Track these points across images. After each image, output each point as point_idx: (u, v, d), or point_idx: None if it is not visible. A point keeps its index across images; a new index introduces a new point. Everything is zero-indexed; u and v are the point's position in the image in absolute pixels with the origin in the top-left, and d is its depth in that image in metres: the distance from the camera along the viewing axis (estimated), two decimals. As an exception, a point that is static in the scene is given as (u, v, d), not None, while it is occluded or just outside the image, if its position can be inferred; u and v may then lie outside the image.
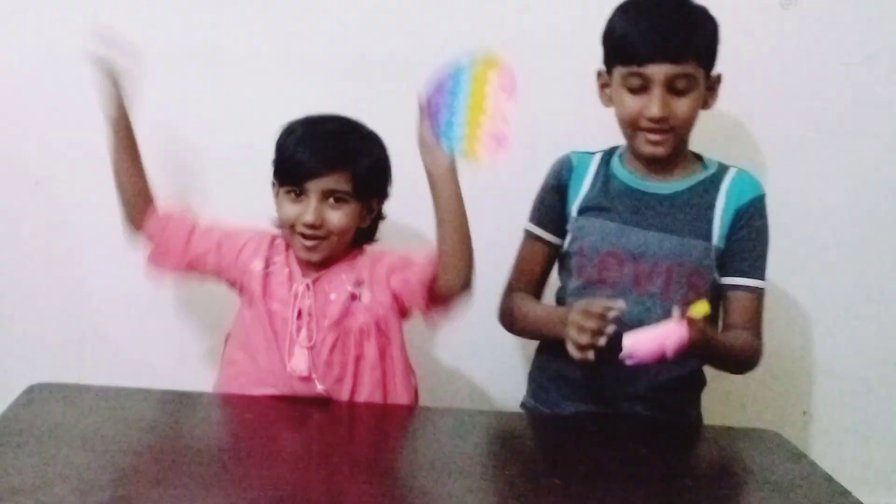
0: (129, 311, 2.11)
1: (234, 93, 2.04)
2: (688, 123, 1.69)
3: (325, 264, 1.73)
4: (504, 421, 1.78)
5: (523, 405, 1.89)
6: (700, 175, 1.76)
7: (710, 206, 1.73)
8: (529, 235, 1.84)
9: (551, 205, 1.81)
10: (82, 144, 2.05)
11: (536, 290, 1.84)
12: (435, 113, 1.54)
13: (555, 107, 1.99)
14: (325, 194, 1.66)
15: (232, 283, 1.78)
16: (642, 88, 1.65)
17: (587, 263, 1.75)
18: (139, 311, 2.10)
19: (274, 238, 1.78)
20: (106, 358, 2.08)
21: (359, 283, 1.73)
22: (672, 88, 1.64)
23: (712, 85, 1.70)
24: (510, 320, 1.81)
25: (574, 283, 1.77)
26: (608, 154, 1.82)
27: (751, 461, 1.61)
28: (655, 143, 1.68)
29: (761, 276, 1.75)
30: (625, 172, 1.77)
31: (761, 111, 2.04)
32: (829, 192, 2.13)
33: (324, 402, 1.68)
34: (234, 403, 1.69)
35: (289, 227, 1.70)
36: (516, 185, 1.85)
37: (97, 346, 2.11)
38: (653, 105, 1.64)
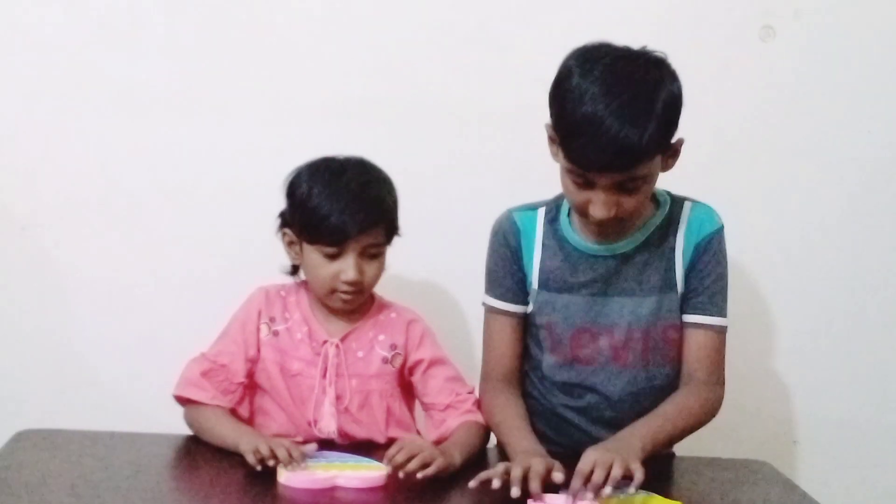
0: (117, 355, 2.10)
1: (223, 137, 2.06)
2: (636, 212, 1.58)
3: (349, 316, 1.71)
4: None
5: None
6: (656, 219, 1.65)
7: (671, 248, 1.65)
8: (492, 311, 1.71)
9: (507, 273, 1.69)
10: (69, 190, 2.06)
11: (515, 373, 1.72)
12: None
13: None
14: (364, 250, 1.63)
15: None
16: (587, 184, 1.51)
17: (559, 342, 1.67)
18: (127, 356, 2.09)
19: (268, 292, 1.72)
20: (95, 402, 2.06)
21: (393, 348, 1.71)
22: (620, 188, 1.50)
23: (674, 152, 1.56)
24: (488, 419, 1.67)
25: (549, 359, 1.69)
26: (552, 211, 1.68)
27: (741, 493, 1.60)
28: (600, 227, 1.59)
29: (721, 314, 1.66)
30: (578, 238, 1.65)
31: (740, 143, 2.06)
32: (810, 222, 2.14)
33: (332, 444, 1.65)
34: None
35: (326, 285, 1.64)
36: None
37: (86, 391, 2.10)
38: (596, 207, 1.51)
